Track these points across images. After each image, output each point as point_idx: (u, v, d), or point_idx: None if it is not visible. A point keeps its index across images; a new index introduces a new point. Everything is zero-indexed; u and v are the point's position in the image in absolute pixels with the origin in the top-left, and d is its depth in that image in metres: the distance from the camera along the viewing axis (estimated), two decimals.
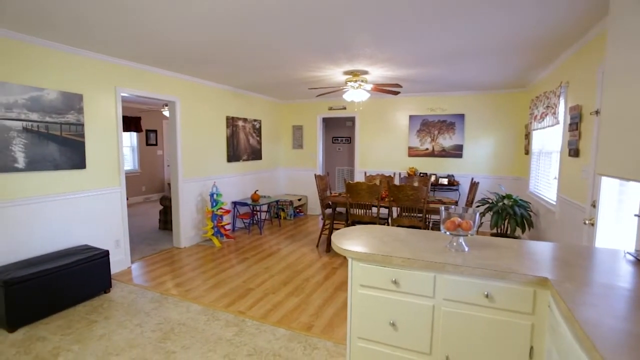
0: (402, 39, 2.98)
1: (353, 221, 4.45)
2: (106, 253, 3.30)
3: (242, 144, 5.96)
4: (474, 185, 4.46)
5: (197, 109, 4.96)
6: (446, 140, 6.04)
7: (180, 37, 2.97)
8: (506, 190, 5.41)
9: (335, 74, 4.37)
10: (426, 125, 6.16)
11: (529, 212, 4.21)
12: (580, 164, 2.91)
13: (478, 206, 4.99)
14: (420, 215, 4.17)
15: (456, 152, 5.98)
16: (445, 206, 1.89)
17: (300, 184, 7.30)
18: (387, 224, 4.64)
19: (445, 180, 5.89)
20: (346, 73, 4.32)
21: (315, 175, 4.86)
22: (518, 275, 1.48)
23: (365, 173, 5.77)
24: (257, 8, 2.33)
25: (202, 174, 5.11)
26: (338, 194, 4.90)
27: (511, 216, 4.13)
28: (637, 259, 1.65)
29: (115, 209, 3.86)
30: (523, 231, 4.22)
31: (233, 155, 5.72)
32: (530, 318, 1.49)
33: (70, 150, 3.34)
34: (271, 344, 2.48)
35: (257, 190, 6.09)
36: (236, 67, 4.13)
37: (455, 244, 1.84)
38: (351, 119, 8.07)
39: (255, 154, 6.36)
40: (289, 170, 7.39)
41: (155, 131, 8.89)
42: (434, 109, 6.10)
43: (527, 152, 5.06)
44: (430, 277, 1.67)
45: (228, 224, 5.21)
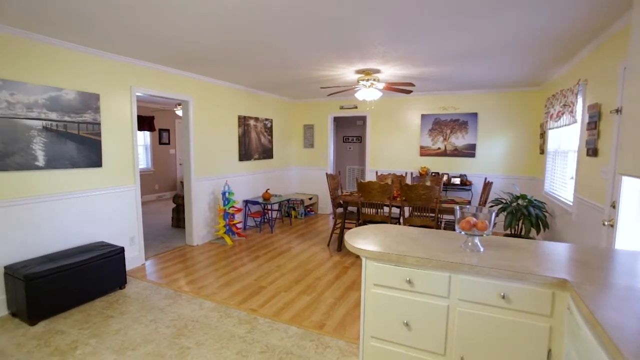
0: (416, 37, 2.95)
1: (364, 220, 4.44)
2: (121, 250, 3.36)
3: (254, 143, 6.00)
4: (487, 185, 4.40)
5: (210, 108, 5.01)
6: (459, 140, 5.97)
7: (195, 38, 3.00)
8: (520, 191, 5.32)
9: (347, 72, 4.36)
10: (438, 125, 6.10)
11: (544, 213, 4.14)
12: (598, 164, 2.84)
13: (491, 206, 4.92)
14: (433, 215, 4.13)
15: (469, 152, 5.90)
16: (460, 206, 1.87)
17: (311, 183, 7.31)
18: (399, 224, 4.61)
19: (457, 180, 5.82)
20: (358, 72, 4.30)
21: (326, 174, 4.86)
22: (536, 277, 1.46)
23: (376, 172, 5.74)
24: (272, 8, 2.33)
25: (214, 172, 5.16)
26: (349, 193, 4.90)
27: (525, 217, 4.06)
28: None
29: (130, 207, 3.93)
30: (538, 232, 4.14)
31: (245, 154, 5.76)
32: (548, 320, 1.46)
33: (87, 149, 3.41)
34: (283, 342, 2.50)
35: (269, 189, 6.12)
36: (249, 67, 4.16)
37: (470, 244, 1.82)
38: (362, 118, 8.04)
39: (267, 153, 6.39)
40: (300, 169, 7.41)
41: (168, 130, 9.01)
42: (446, 107, 6.03)
43: (542, 152, 4.96)
44: (445, 277, 1.65)
45: (240, 223, 5.26)
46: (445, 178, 5.90)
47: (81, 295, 3.01)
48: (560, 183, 4.15)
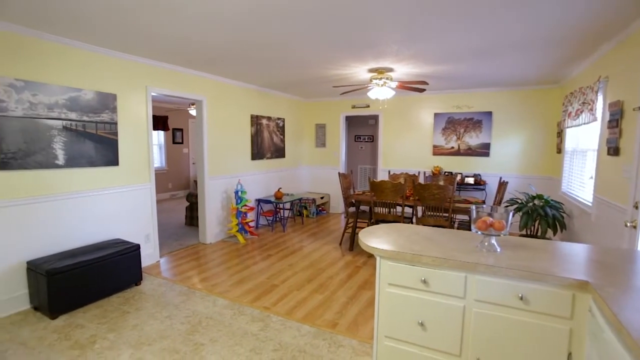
0: (430, 35, 2.92)
1: (377, 220, 4.42)
2: (137, 247, 3.43)
3: (266, 142, 6.04)
4: (502, 184, 4.32)
5: (223, 107, 5.06)
6: (472, 139, 5.89)
7: (208, 38, 3.03)
8: (537, 190, 5.21)
9: (360, 71, 4.34)
10: (452, 123, 6.03)
11: (562, 214, 4.04)
12: (620, 163, 2.76)
13: (507, 206, 4.83)
14: (446, 214, 4.09)
15: (483, 151, 5.81)
16: (477, 205, 1.84)
17: (323, 182, 7.32)
18: (412, 223, 4.58)
19: (471, 180, 5.74)
20: (371, 71, 4.28)
21: (339, 173, 4.85)
22: (555, 278, 1.42)
23: (389, 172, 5.71)
24: (286, 8, 2.34)
25: (227, 171, 5.21)
26: (362, 193, 4.88)
27: (542, 217, 3.97)
28: None
29: (146, 205, 4.00)
30: (555, 233, 4.05)
31: (257, 153, 5.80)
32: (568, 323, 1.43)
33: (104, 148, 3.49)
34: (296, 340, 2.51)
35: (281, 188, 6.15)
36: (262, 66, 4.18)
37: (486, 244, 1.79)
38: (374, 117, 8.00)
39: (279, 152, 6.42)
40: (312, 169, 7.42)
41: (182, 130, 9.14)
42: (460, 106, 5.95)
43: (560, 151, 4.85)
44: (461, 277, 1.63)
45: (252, 221, 5.30)
46: (458, 177, 5.82)
47: (99, 290, 3.08)
48: (579, 183, 4.05)
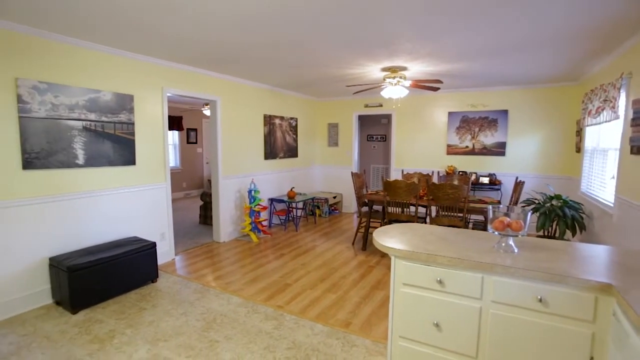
0: (446, 33, 2.88)
1: (390, 220, 4.39)
2: (153, 245, 3.49)
3: (279, 142, 6.07)
4: (518, 184, 4.24)
5: (236, 107, 5.11)
6: (488, 138, 5.79)
7: (223, 39, 3.06)
8: (554, 191, 5.10)
9: (373, 70, 4.32)
10: (466, 122, 5.94)
11: (581, 214, 3.94)
12: None
13: (524, 207, 4.73)
14: (461, 215, 4.03)
15: (498, 150, 5.71)
16: (493, 205, 1.81)
17: (336, 182, 7.31)
18: (425, 224, 4.53)
19: (486, 179, 5.64)
20: (384, 69, 4.26)
21: (351, 172, 4.84)
22: (577, 280, 1.39)
23: (402, 171, 5.66)
24: (300, 8, 2.35)
25: (241, 171, 5.26)
26: (375, 192, 4.86)
27: (560, 218, 3.88)
28: None
29: (161, 203, 4.08)
30: (574, 234, 3.95)
31: (270, 152, 5.84)
32: (590, 326, 1.39)
33: (122, 148, 3.57)
34: (310, 339, 2.51)
35: (293, 187, 6.17)
36: (275, 66, 4.21)
37: (503, 245, 1.76)
38: (387, 117, 7.95)
39: (292, 152, 6.44)
40: (325, 168, 7.42)
41: (196, 130, 9.27)
42: (475, 105, 5.86)
43: (579, 150, 4.72)
44: (478, 278, 1.61)
45: (265, 220, 5.33)
46: (473, 177, 5.74)
47: (117, 287, 3.15)
48: (599, 183, 3.93)
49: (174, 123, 8.40)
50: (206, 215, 5.93)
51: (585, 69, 4.20)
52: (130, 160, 3.66)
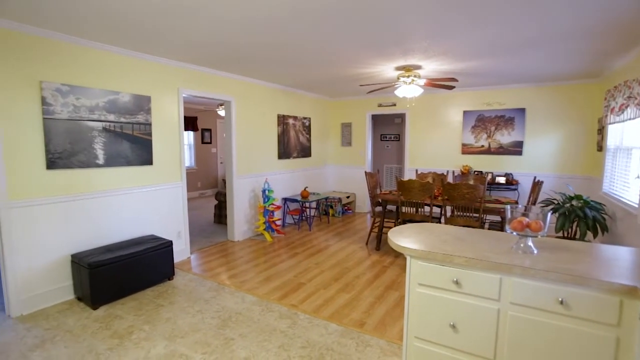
0: (462, 30, 2.84)
1: (404, 220, 4.36)
2: (170, 243, 3.56)
3: (292, 142, 6.09)
4: (536, 184, 4.14)
5: (250, 107, 5.16)
6: (504, 137, 5.68)
7: (237, 40, 3.10)
8: (574, 191, 4.96)
9: (387, 69, 4.30)
10: (482, 121, 5.84)
11: (603, 215, 3.82)
12: None
13: (542, 207, 4.62)
14: (476, 215, 3.97)
15: (515, 149, 5.59)
16: (511, 205, 1.78)
17: (349, 182, 7.30)
18: (440, 224, 4.48)
19: (502, 179, 5.54)
20: (398, 68, 4.23)
21: (365, 172, 4.82)
22: (600, 282, 1.35)
23: (416, 171, 5.61)
24: (313, 9, 2.35)
25: (255, 170, 5.30)
26: (389, 192, 4.83)
27: (581, 219, 3.77)
28: None
29: (177, 203, 4.15)
30: (595, 236, 3.83)
31: (284, 152, 5.87)
32: (614, 330, 1.35)
33: (139, 148, 3.65)
34: (324, 338, 2.52)
35: (307, 187, 6.19)
36: (288, 66, 4.23)
37: (522, 245, 1.73)
38: (400, 116, 7.88)
39: (305, 152, 6.46)
40: (338, 168, 7.42)
41: (210, 130, 9.40)
42: (490, 103, 5.75)
43: (601, 149, 4.58)
44: (496, 279, 1.58)
45: (279, 220, 5.37)
46: (489, 177, 5.63)
47: (135, 283, 3.22)
48: (622, 182, 3.81)
49: (189, 123, 8.54)
50: (221, 215, 6.00)
51: (608, 65, 4.07)
52: (148, 160, 3.74)
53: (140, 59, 3.61)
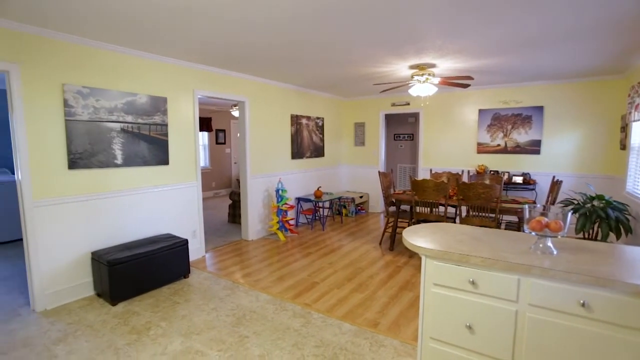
0: (477, 27, 2.80)
1: (418, 220, 4.31)
2: (185, 242, 3.62)
3: (306, 142, 6.11)
4: (555, 184, 4.04)
5: (264, 108, 5.20)
6: (521, 136, 5.55)
7: (251, 40, 3.12)
8: (595, 190, 4.81)
9: (401, 68, 4.26)
10: (498, 120, 5.73)
11: (626, 216, 3.69)
12: None
13: (562, 207, 4.50)
14: (492, 215, 3.89)
15: (533, 148, 5.46)
16: (529, 204, 1.74)
17: (362, 182, 7.27)
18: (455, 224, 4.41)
19: (519, 179, 5.42)
20: (412, 67, 4.19)
21: (379, 172, 4.80)
22: (625, 284, 1.31)
23: (430, 170, 5.54)
24: (327, 8, 2.35)
25: (268, 170, 5.34)
26: (402, 192, 4.79)
27: (603, 219, 3.65)
28: None
29: (192, 202, 4.22)
30: (618, 237, 3.71)
31: (297, 152, 5.89)
32: None
33: (156, 148, 3.72)
34: (337, 338, 2.52)
35: (320, 187, 6.19)
36: (301, 66, 4.24)
37: (541, 246, 1.69)
38: (414, 115, 7.81)
39: (318, 151, 6.47)
40: (351, 168, 7.40)
41: (224, 130, 9.51)
42: (507, 101, 5.64)
43: (624, 147, 4.43)
44: (514, 280, 1.55)
45: (292, 219, 5.39)
46: (505, 177, 5.52)
47: (152, 281, 3.29)
48: None
49: (204, 124, 8.66)
50: (235, 214, 6.07)
51: (632, 60, 3.93)
52: (164, 160, 3.81)
53: (156, 60, 3.68)
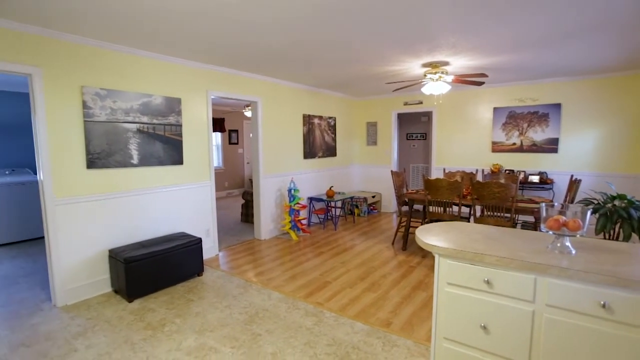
0: (492, 23, 2.75)
1: (431, 219, 4.26)
2: (199, 240, 3.67)
3: (318, 141, 6.12)
4: (574, 183, 3.94)
5: (276, 107, 5.23)
6: (537, 134, 5.43)
7: (264, 40, 3.15)
8: (617, 190, 4.66)
9: (414, 66, 4.22)
10: (513, 118, 5.61)
11: None
12: None
13: (582, 205, 4.37)
14: (507, 215, 3.82)
15: (550, 147, 5.33)
16: (546, 203, 1.70)
17: (374, 181, 7.24)
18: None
19: (535, 178, 5.30)
20: (425, 65, 4.14)
21: (391, 171, 4.77)
22: None
23: (444, 169, 5.48)
24: (342, 7, 2.35)
25: (281, 170, 5.37)
26: (415, 191, 4.74)
27: (625, 220, 3.53)
28: None
29: (206, 201, 4.27)
30: None
31: (309, 152, 5.91)
32: None
33: (171, 148, 3.79)
34: (350, 337, 2.51)
35: (332, 186, 6.19)
36: (314, 66, 4.25)
37: (559, 245, 1.65)
38: (427, 114, 7.73)
39: (330, 151, 6.47)
40: (363, 167, 7.38)
41: (237, 131, 9.61)
42: (523, 99, 5.52)
43: None
44: (530, 280, 1.52)
45: (304, 219, 5.40)
46: (521, 176, 5.41)
47: (167, 278, 3.35)
48: None
49: (217, 125, 8.77)
50: (247, 214, 6.12)
51: None
52: (178, 160, 3.88)
53: (170, 62, 3.75)
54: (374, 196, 6.87)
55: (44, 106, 2.84)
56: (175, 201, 3.90)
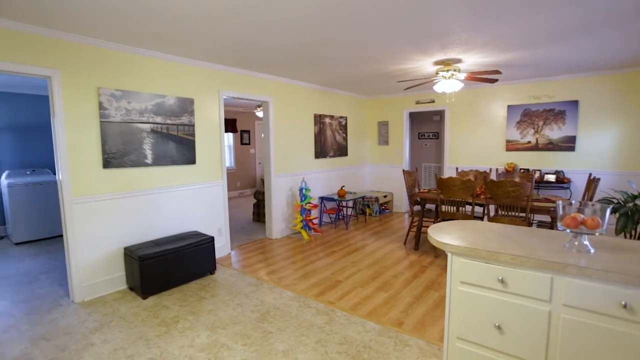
0: (505, 18, 2.70)
1: (443, 219, 4.21)
2: (212, 239, 3.71)
3: (329, 141, 6.12)
4: (592, 181, 3.83)
5: (288, 107, 5.25)
6: (554, 132, 5.30)
7: (275, 40, 3.17)
8: (638, 189, 4.51)
9: (425, 64, 4.18)
10: (528, 116, 5.49)
11: None
12: None
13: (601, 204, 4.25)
14: (522, 214, 3.74)
15: (567, 145, 5.20)
16: (563, 201, 1.66)
17: (386, 181, 7.19)
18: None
19: (552, 177, 5.17)
20: (437, 63, 4.10)
21: (403, 170, 4.73)
22: None
23: (457, 169, 5.41)
24: (354, 4, 2.34)
25: (292, 169, 5.39)
26: (427, 191, 4.69)
27: None
28: None
29: (218, 201, 4.32)
30: None
31: (320, 151, 5.91)
32: None
33: (184, 148, 3.84)
34: (361, 336, 2.50)
35: (344, 186, 6.18)
36: (324, 66, 4.25)
37: (577, 244, 1.60)
38: (439, 113, 7.65)
39: (342, 151, 6.46)
40: (375, 167, 7.34)
41: (249, 131, 9.69)
42: (538, 96, 5.40)
43: None
44: (547, 279, 1.48)
45: (316, 219, 5.41)
46: (537, 175, 5.29)
47: (180, 276, 3.40)
48: None
49: (229, 125, 8.86)
50: (259, 213, 6.16)
51: None
52: (191, 160, 3.93)
53: (183, 63, 3.81)
54: (385, 196, 6.82)
55: (62, 107, 2.91)
56: (188, 200, 3.96)
